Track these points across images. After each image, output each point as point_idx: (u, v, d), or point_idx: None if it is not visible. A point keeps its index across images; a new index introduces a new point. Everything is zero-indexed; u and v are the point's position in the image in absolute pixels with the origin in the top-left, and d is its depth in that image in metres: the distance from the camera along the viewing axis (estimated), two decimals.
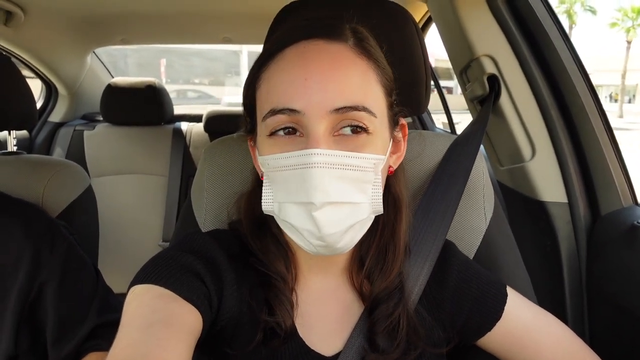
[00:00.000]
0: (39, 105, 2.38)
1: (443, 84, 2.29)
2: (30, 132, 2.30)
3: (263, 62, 0.54)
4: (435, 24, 1.23)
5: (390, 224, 0.60)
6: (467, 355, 0.66)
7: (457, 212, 0.71)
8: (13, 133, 1.19)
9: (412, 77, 0.76)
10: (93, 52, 2.44)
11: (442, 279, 0.63)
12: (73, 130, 2.23)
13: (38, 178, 0.98)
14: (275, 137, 0.51)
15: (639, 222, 0.88)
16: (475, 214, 0.75)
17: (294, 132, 0.51)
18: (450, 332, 0.62)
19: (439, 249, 0.65)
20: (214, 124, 2.23)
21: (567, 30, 1.04)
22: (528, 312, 0.63)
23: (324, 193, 0.48)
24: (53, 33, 1.96)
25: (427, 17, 1.68)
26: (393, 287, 0.59)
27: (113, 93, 2.15)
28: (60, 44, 2.09)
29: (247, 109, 0.59)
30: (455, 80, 1.24)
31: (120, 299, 0.66)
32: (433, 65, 1.97)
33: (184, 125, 2.32)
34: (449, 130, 1.99)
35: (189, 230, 0.70)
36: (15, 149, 1.15)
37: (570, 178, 1.00)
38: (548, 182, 1.02)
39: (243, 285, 0.57)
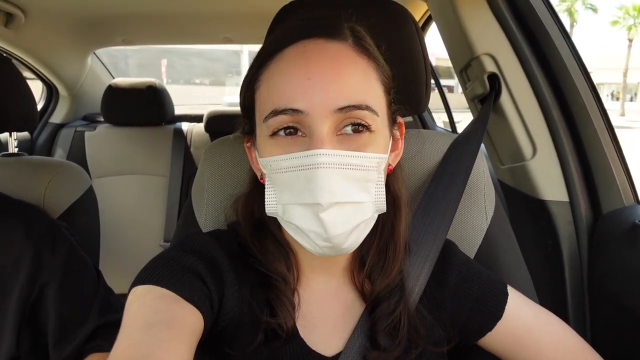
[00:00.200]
0: (40, 107, 2.38)
1: (443, 83, 2.28)
2: (32, 133, 2.30)
3: (262, 62, 0.54)
4: (436, 23, 1.23)
5: (390, 223, 0.59)
6: (467, 355, 0.65)
7: (458, 211, 0.71)
8: (14, 134, 1.19)
9: (412, 76, 0.76)
10: (94, 53, 2.44)
11: (442, 279, 0.63)
12: (74, 131, 2.23)
13: (39, 179, 0.98)
14: (277, 137, 0.51)
15: None
16: (476, 213, 0.75)
17: (295, 132, 0.50)
18: (451, 331, 0.62)
19: (440, 249, 0.64)
20: (215, 124, 2.23)
21: (568, 29, 1.03)
22: (529, 311, 0.63)
23: (331, 193, 0.48)
24: (53, 34, 1.96)
25: (427, 16, 1.68)
26: (394, 285, 0.58)
27: (114, 94, 2.15)
28: (61, 45, 2.09)
29: (245, 111, 0.58)
30: (456, 79, 1.24)
31: (122, 300, 0.66)
32: (433, 64, 1.97)
33: (185, 126, 2.32)
34: (450, 129, 1.98)
35: (190, 231, 0.70)
36: (17, 151, 1.16)
37: (572, 177, 0.99)
38: (549, 180, 1.02)
39: (244, 286, 0.57)
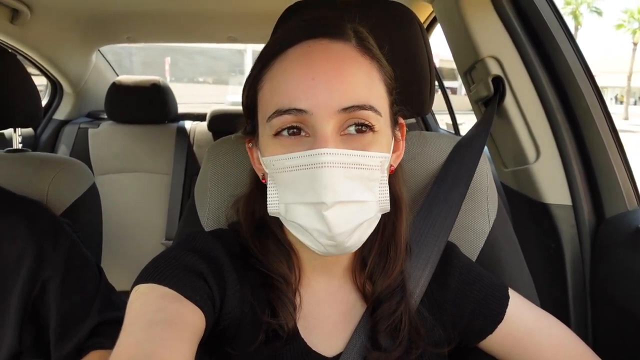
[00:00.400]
0: (44, 103, 2.39)
1: (447, 85, 2.28)
2: (36, 129, 2.31)
3: (265, 62, 0.54)
4: (440, 25, 1.23)
5: (391, 223, 0.60)
6: (468, 357, 0.65)
7: (460, 213, 0.71)
8: (18, 130, 1.19)
9: (416, 77, 0.76)
10: (98, 50, 2.45)
11: (444, 281, 0.63)
12: (78, 128, 2.24)
13: (43, 176, 0.99)
14: (280, 137, 0.51)
15: None
16: (479, 216, 0.75)
17: (299, 132, 0.51)
18: (452, 332, 0.62)
19: (441, 251, 0.64)
20: (218, 123, 2.23)
21: (572, 32, 1.03)
22: (530, 314, 0.63)
23: (335, 192, 0.48)
24: (59, 31, 1.97)
25: (432, 17, 1.67)
26: (395, 286, 0.59)
27: (118, 91, 2.16)
28: (66, 42, 2.10)
29: (247, 110, 0.58)
30: (460, 81, 1.23)
31: (123, 297, 0.66)
32: (437, 66, 1.96)
33: (188, 124, 2.33)
34: (453, 131, 1.98)
35: (192, 230, 0.70)
36: (21, 147, 1.16)
37: (575, 180, 0.99)
38: (552, 184, 1.02)
39: (245, 286, 0.57)
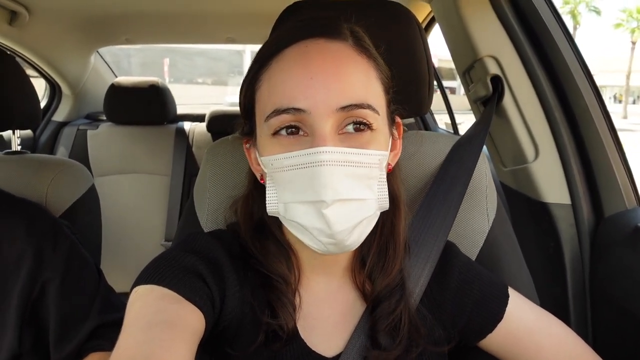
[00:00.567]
0: (43, 105, 2.39)
1: (446, 84, 2.28)
2: (34, 131, 2.31)
3: (263, 62, 0.54)
4: (439, 25, 1.23)
5: (390, 222, 0.60)
6: (468, 356, 0.65)
7: (459, 213, 0.71)
8: (17, 132, 1.19)
9: (414, 77, 0.76)
10: (97, 51, 2.45)
11: (443, 280, 0.63)
12: (76, 130, 2.24)
13: (42, 177, 0.99)
14: (278, 137, 0.51)
15: None
16: (478, 215, 0.75)
17: (297, 131, 0.51)
18: (452, 331, 0.62)
19: (440, 250, 0.64)
20: (217, 124, 2.23)
21: (571, 31, 1.03)
22: (530, 313, 0.63)
23: (334, 190, 0.48)
24: (57, 33, 1.97)
25: (430, 17, 1.68)
26: (394, 284, 0.59)
27: (116, 92, 2.16)
28: (65, 44, 2.09)
29: (245, 111, 0.58)
30: (458, 81, 1.24)
31: (122, 299, 0.66)
32: (436, 66, 1.96)
33: (187, 125, 2.33)
34: (452, 131, 1.98)
35: (191, 231, 0.70)
36: (19, 148, 1.16)
37: (574, 179, 0.99)
38: (551, 183, 1.02)
39: (245, 286, 0.57)
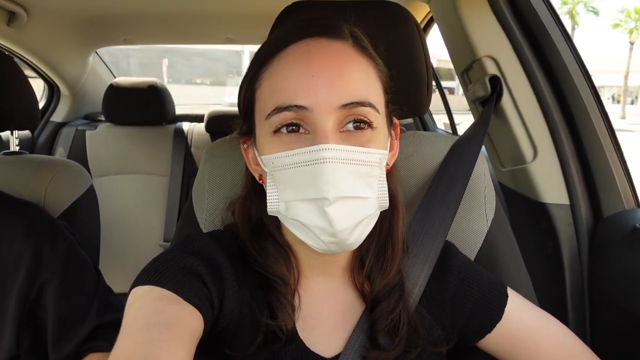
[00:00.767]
0: (41, 105, 2.38)
1: (444, 85, 2.29)
2: (33, 132, 2.31)
3: (263, 61, 0.54)
4: (437, 25, 1.23)
5: (388, 221, 0.60)
6: (467, 356, 0.65)
7: (458, 213, 0.71)
8: (15, 133, 1.19)
9: (413, 77, 0.76)
10: (95, 52, 2.45)
11: (442, 280, 0.63)
12: (75, 130, 2.23)
13: (40, 178, 0.98)
14: (279, 135, 0.51)
15: None
16: (477, 216, 0.75)
17: (298, 129, 0.51)
18: (451, 332, 0.62)
19: (439, 250, 0.65)
20: (215, 124, 2.23)
21: (569, 31, 1.03)
22: (529, 313, 0.63)
23: (337, 188, 0.48)
24: (56, 33, 1.97)
25: (429, 17, 1.68)
26: (393, 284, 0.59)
27: (115, 93, 2.16)
28: (63, 44, 2.09)
29: (244, 110, 0.58)
30: (457, 81, 1.24)
31: (121, 299, 0.66)
32: (435, 66, 1.97)
33: (186, 125, 2.32)
34: (450, 131, 1.98)
35: (190, 231, 0.70)
36: (18, 149, 1.16)
37: (572, 180, 0.99)
38: (550, 183, 1.02)
39: (244, 287, 0.57)
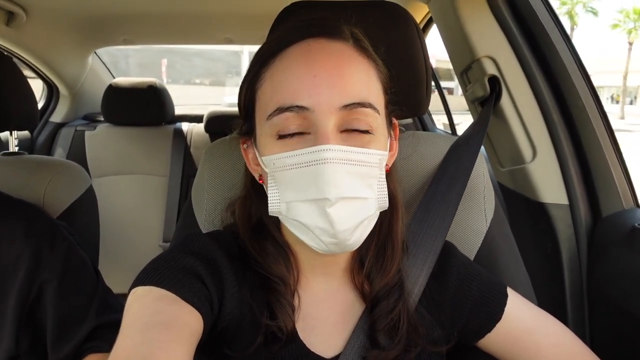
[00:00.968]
0: (40, 106, 2.38)
1: (444, 85, 2.29)
2: (32, 132, 2.30)
3: (264, 61, 0.54)
4: (436, 25, 1.24)
5: (387, 222, 0.60)
6: (466, 356, 0.65)
7: (457, 213, 0.71)
8: (14, 133, 1.19)
9: (412, 78, 0.76)
10: (94, 52, 2.45)
11: (442, 280, 0.63)
12: (74, 131, 2.23)
13: (39, 178, 0.98)
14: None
15: None
16: (476, 216, 0.75)
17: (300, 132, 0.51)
18: (450, 331, 0.62)
19: (439, 250, 0.65)
20: (215, 125, 2.23)
21: (568, 32, 1.04)
22: (528, 313, 0.63)
23: (338, 188, 0.48)
24: (55, 33, 1.96)
25: (428, 18, 1.68)
26: (392, 284, 0.59)
27: (114, 93, 2.15)
28: (62, 44, 2.09)
29: (244, 110, 0.58)
30: (456, 81, 1.24)
31: (120, 300, 0.66)
32: (434, 66, 1.97)
33: (185, 126, 2.32)
34: (450, 131, 1.99)
35: (190, 232, 0.70)
36: (17, 150, 1.15)
37: (571, 180, 1.00)
38: (549, 183, 1.02)
39: (244, 287, 0.57)
